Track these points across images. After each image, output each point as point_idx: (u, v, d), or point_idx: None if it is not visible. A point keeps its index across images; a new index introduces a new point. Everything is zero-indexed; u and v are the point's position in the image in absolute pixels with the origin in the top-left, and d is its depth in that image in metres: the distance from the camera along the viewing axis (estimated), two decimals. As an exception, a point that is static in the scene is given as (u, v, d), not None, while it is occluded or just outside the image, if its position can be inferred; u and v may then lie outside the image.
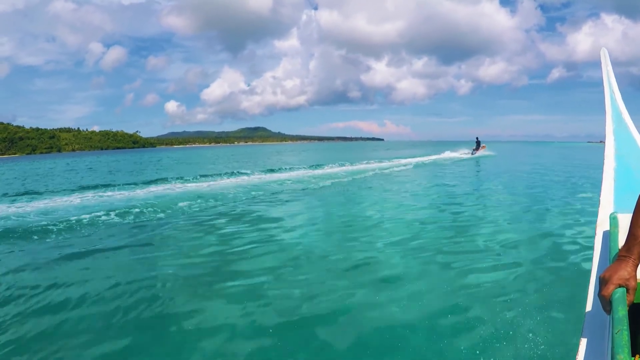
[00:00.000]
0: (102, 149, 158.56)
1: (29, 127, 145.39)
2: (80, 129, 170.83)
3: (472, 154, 34.19)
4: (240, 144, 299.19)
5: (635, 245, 1.05)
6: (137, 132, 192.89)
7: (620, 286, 1.00)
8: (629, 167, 1.79)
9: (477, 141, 36.31)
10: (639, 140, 1.92)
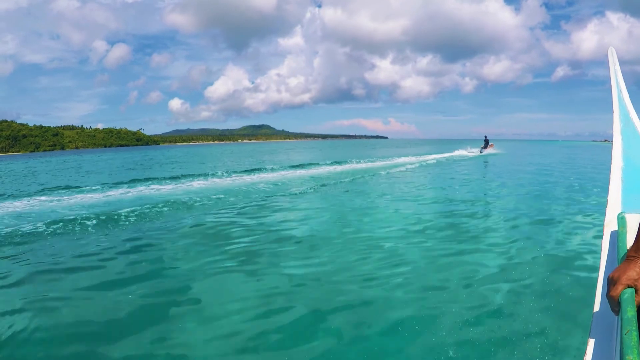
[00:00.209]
0: (105, 146, 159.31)
1: (33, 125, 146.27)
2: (84, 126, 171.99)
3: (480, 152, 35.16)
4: (244, 141, 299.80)
5: (643, 245, 1.04)
6: (140, 129, 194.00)
7: (629, 286, 0.99)
8: (637, 167, 1.78)
9: (486, 139, 37.45)
10: None
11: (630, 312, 0.91)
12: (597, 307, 1.17)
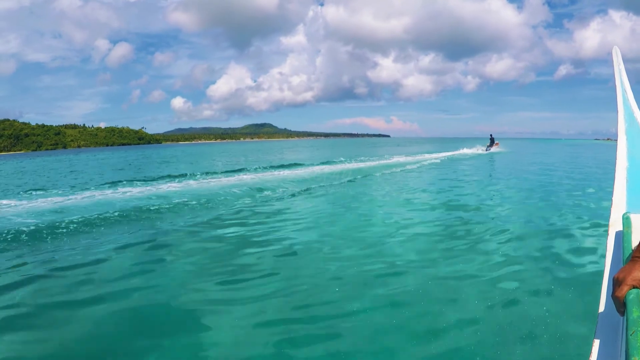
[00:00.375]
0: (107, 145, 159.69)
1: (35, 124, 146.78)
2: (86, 125, 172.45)
3: (486, 151, 35.50)
4: (246, 140, 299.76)
5: (649, 246, 1.04)
6: (142, 128, 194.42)
7: (634, 287, 0.99)
8: None
9: (491, 138, 37.96)
10: None
11: (635, 313, 0.91)
12: (602, 308, 1.17)
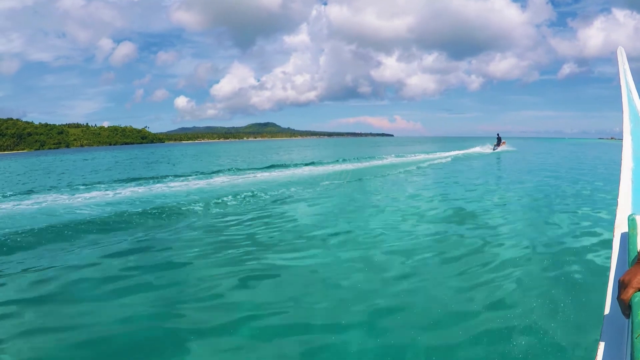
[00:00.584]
0: (110, 144, 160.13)
1: (38, 123, 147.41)
2: (89, 124, 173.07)
3: (493, 150, 35.74)
4: (249, 139, 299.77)
5: (655, 248, 1.04)
6: (146, 127, 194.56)
7: (640, 290, 0.99)
8: None
9: (498, 137, 38.17)
10: None
11: (641, 315, 0.91)
12: (607, 310, 1.16)
